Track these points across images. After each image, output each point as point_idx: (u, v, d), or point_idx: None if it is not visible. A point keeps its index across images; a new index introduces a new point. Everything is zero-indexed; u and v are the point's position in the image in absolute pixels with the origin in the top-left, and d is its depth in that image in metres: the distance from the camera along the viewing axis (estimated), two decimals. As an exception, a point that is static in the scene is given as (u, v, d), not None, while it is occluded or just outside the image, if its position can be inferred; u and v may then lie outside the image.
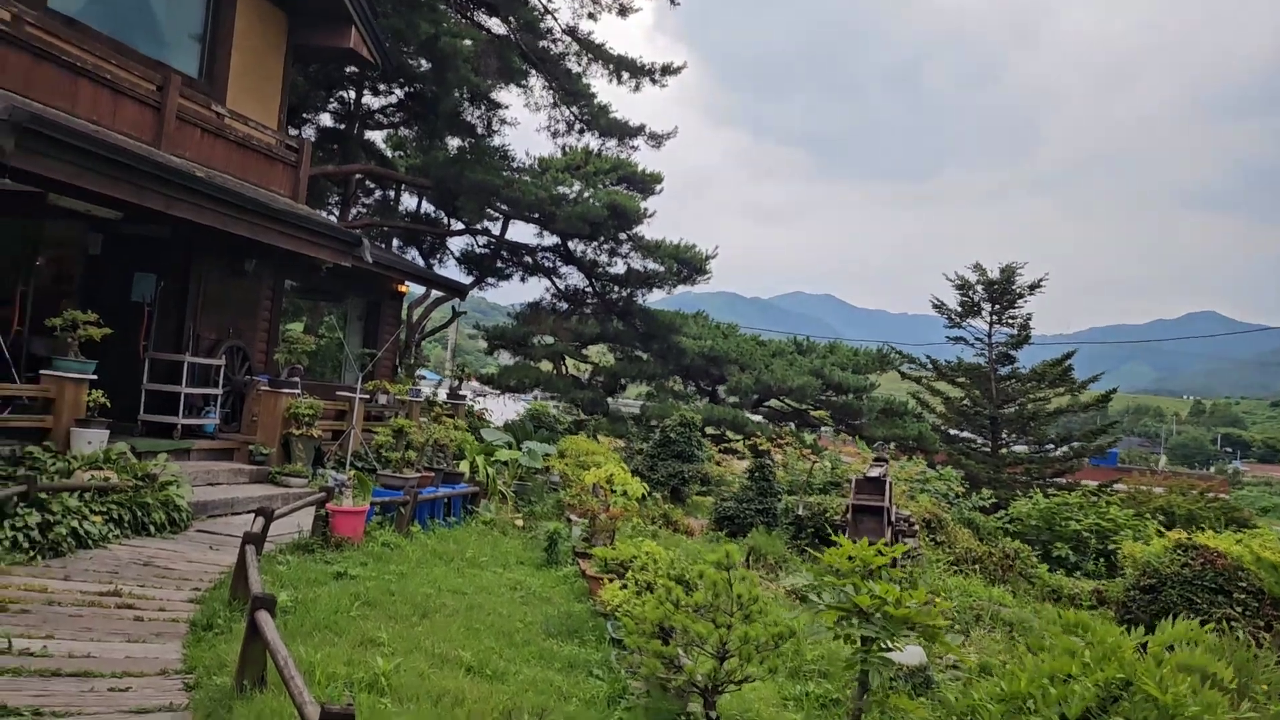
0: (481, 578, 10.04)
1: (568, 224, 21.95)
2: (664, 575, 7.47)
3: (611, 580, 9.25)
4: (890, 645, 5.27)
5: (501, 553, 11.58)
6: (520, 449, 15.53)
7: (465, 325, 40.93)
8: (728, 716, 6.24)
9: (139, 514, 9.91)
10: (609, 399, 31.31)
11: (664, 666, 5.81)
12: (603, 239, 23.83)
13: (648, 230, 23.93)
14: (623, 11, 24.62)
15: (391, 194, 30.90)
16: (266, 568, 8.67)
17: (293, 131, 15.99)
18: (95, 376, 10.92)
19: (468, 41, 19.64)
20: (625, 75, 23.44)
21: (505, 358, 33.50)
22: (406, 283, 20.10)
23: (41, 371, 10.86)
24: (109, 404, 10.99)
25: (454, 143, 27.56)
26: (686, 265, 24.05)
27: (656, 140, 25.02)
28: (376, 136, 31.20)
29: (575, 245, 24.91)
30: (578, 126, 24.61)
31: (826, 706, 7.43)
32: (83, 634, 6.58)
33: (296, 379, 14.40)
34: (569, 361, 32.01)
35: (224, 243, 14.38)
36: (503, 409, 31.52)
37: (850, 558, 5.56)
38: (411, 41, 18.98)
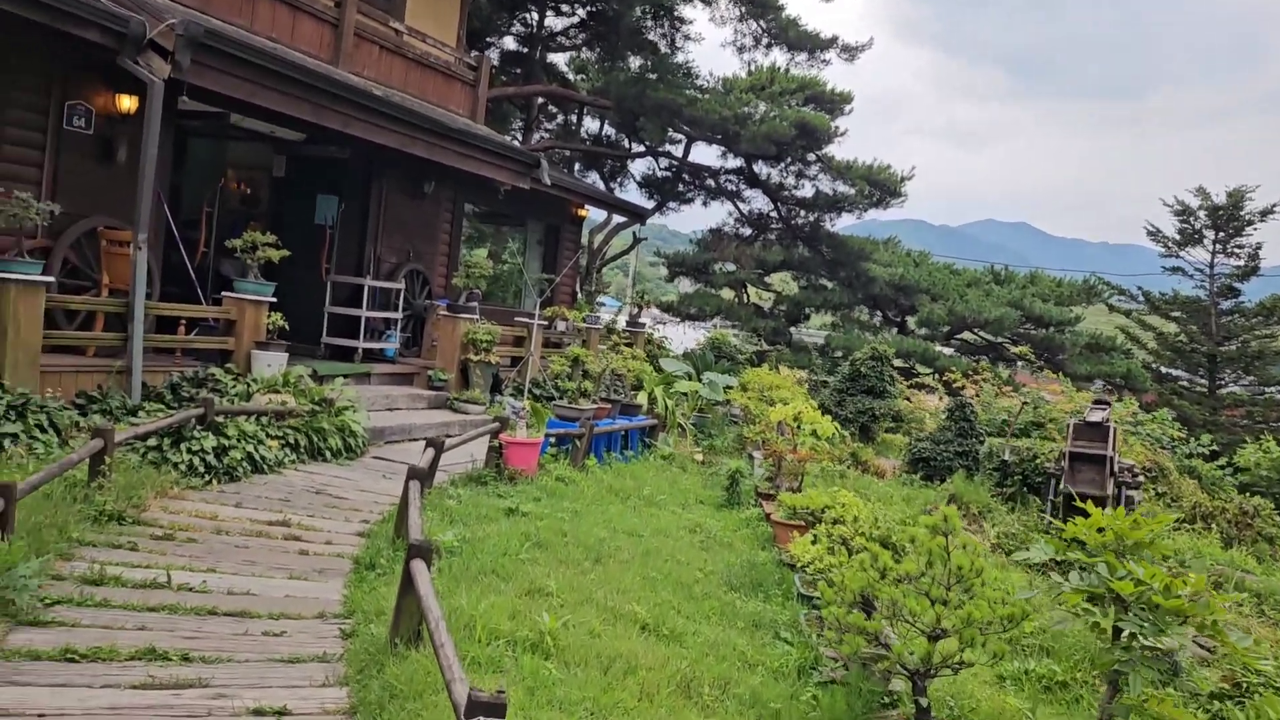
0: (659, 518, 9.45)
1: (752, 144, 20.86)
2: (864, 535, 6.62)
3: (800, 529, 8.48)
4: (1152, 642, 4.29)
5: (680, 490, 10.97)
6: (700, 380, 14.86)
7: (645, 252, 40.45)
8: (938, 701, 5.40)
9: (315, 439, 9.75)
10: (791, 328, 30.26)
11: (866, 642, 5.00)
12: (789, 160, 22.61)
13: (837, 151, 22.59)
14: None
15: (573, 118, 30.44)
16: (436, 501, 8.30)
17: (475, 55, 15.59)
18: (275, 299, 10.81)
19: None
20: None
21: (684, 285, 32.83)
22: (586, 207, 19.55)
23: (224, 293, 10.82)
24: (289, 327, 10.87)
25: (636, 62, 26.74)
26: (879, 187, 22.57)
27: (850, 53, 23.47)
28: (559, 59, 30.71)
29: (760, 167, 23.78)
30: (765, 41, 23.31)
31: (1051, 690, 6.47)
32: (245, 568, 6.30)
33: (474, 304, 14.09)
34: (750, 289, 31.06)
35: (403, 164, 14.11)
36: (681, 337, 30.94)
37: (1101, 529, 4.59)
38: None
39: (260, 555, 6.60)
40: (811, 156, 22.43)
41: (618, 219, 27.03)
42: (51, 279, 8.63)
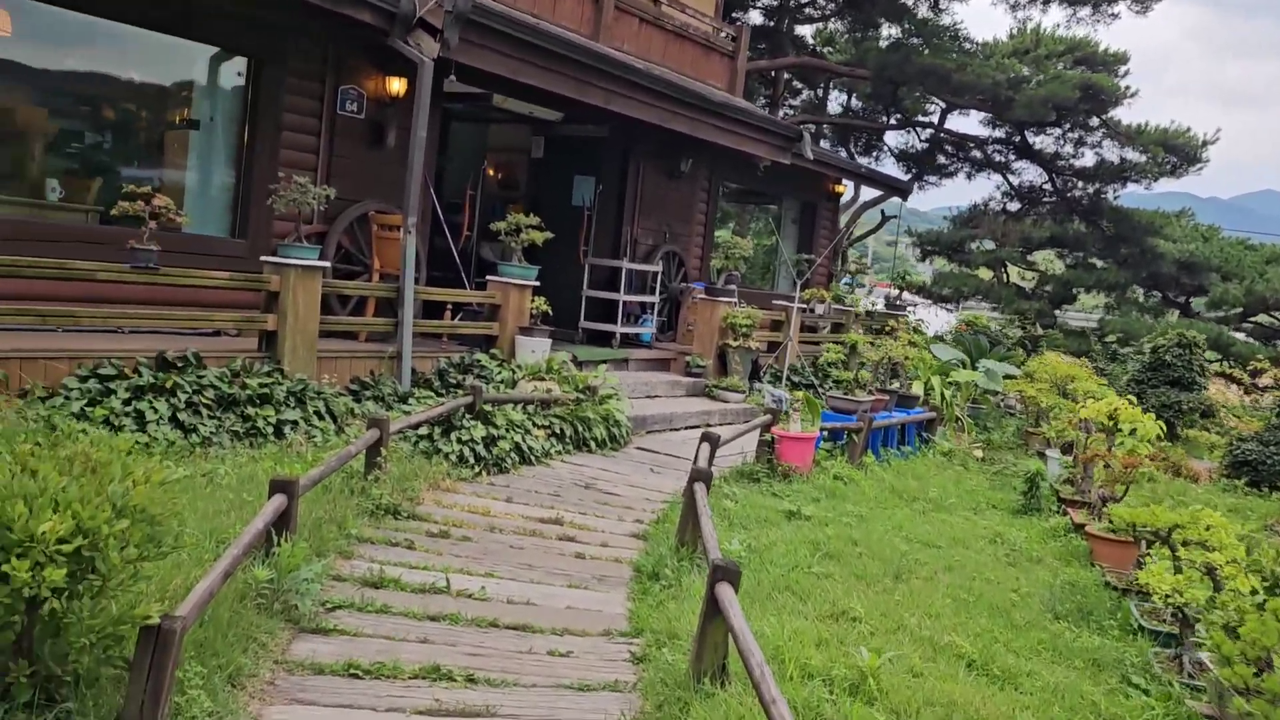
0: (951, 524, 8.47)
1: (1028, 110, 19.16)
2: (1235, 563, 5.48)
3: (1125, 546, 7.31)
4: None
5: (967, 491, 9.91)
6: (975, 368, 13.64)
7: (890, 230, 38.73)
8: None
9: (580, 429, 9.36)
10: (1055, 311, 28.02)
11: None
12: (1069, 126, 20.67)
13: (1123, 115, 20.45)
14: None
15: (819, 92, 29.28)
16: (713, 502, 7.67)
17: (734, 24, 14.94)
18: (538, 283, 10.52)
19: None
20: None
21: (927, 266, 31.10)
22: (844, 183, 18.52)
23: (488, 277, 10.63)
24: (551, 311, 10.56)
25: (890, 30, 25.35)
26: (1176, 153, 20.28)
27: (1142, 3, 21.14)
28: (805, 32, 29.63)
29: (1032, 136, 21.90)
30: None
31: None
32: (522, 572, 5.88)
33: (733, 287, 13.45)
34: (1011, 268, 29.02)
35: (660, 141, 13.62)
36: (934, 319, 29.38)
37: None
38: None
39: (536, 557, 6.17)
40: (1095, 121, 20.41)
41: (866, 196, 25.76)
42: (327, 264, 8.60)
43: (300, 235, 8.31)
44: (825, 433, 9.49)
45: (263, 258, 8.38)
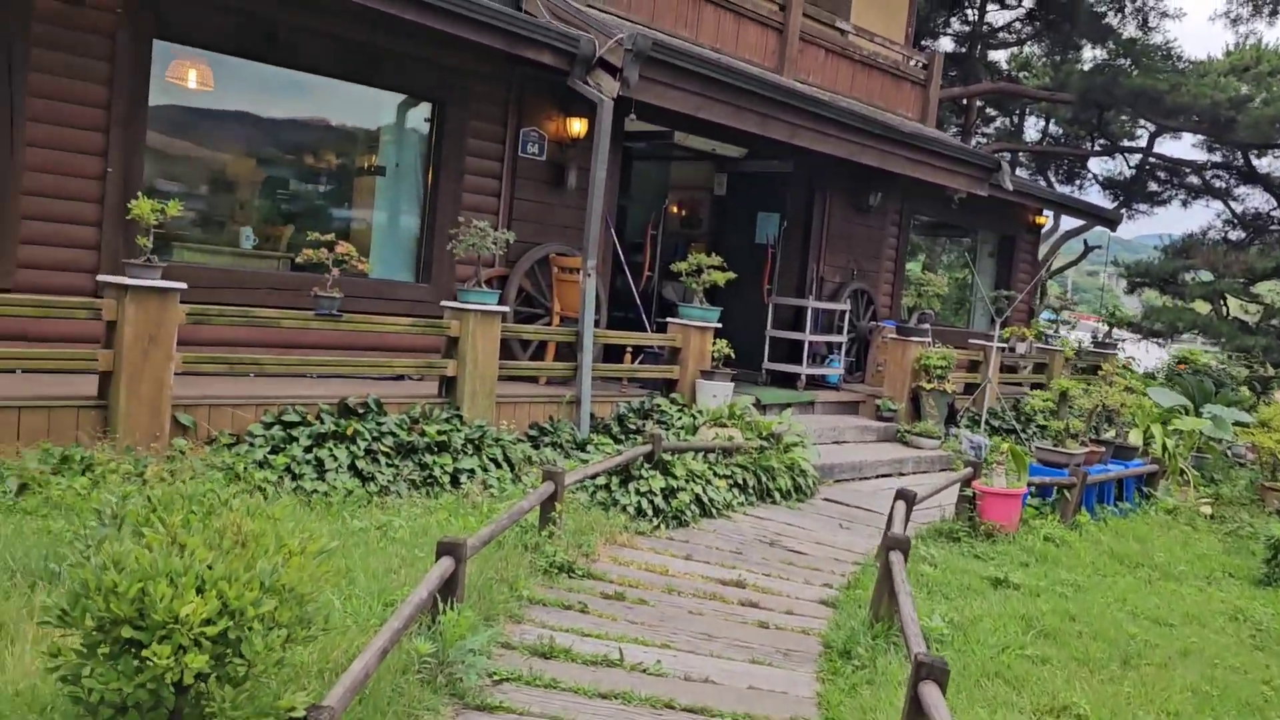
0: (1183, 596, 7.52)
1: (1253, 131, 17.56)
2: None
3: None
4: None
5: (1198, 556, 8.85)
6: (1199, 414, 12.37)
7: (1091, 261, 36.51)
8: None
9: (763, 479, 8.88)
10: (1287, 348, 25.58)
11: None
12: (1303, 147, 18.88)
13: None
14: None
15: (1013, 119, 27.96)
16: (910, 565, 7.03)
17: (926, 52, 14.27)
18: (719, 324, 10.13)
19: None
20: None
21: (1135, 299, 29.08)
22: (1045, 214, 17.40)
23: (668, 319, 10.33)
24: (733, 353, 10.14)
25: (1092, 53, 23.97)
26: None
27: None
28: (999, 57, 28.44)
29: (1256, 158, 20.09)
30: (1271, 6, 19.65)
31: None
32: (701, 643, 5.44)
33: (927, 326, 12.69)
34: (1231, 301, 26.77)
35: (848, 175, 13.07)
36: (1144, 356, 27.40)
37: None
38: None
39: (716, 625, 5.73)
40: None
41: (1066, 225, 24.29)
42: (507, 308, 8.47)
43: (480, 279, 8.21)
44: (1032, 488, 8.67)
45: (443, 303, 8.33)
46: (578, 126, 10.13)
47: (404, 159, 9.60)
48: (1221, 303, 26.14)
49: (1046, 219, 17.49)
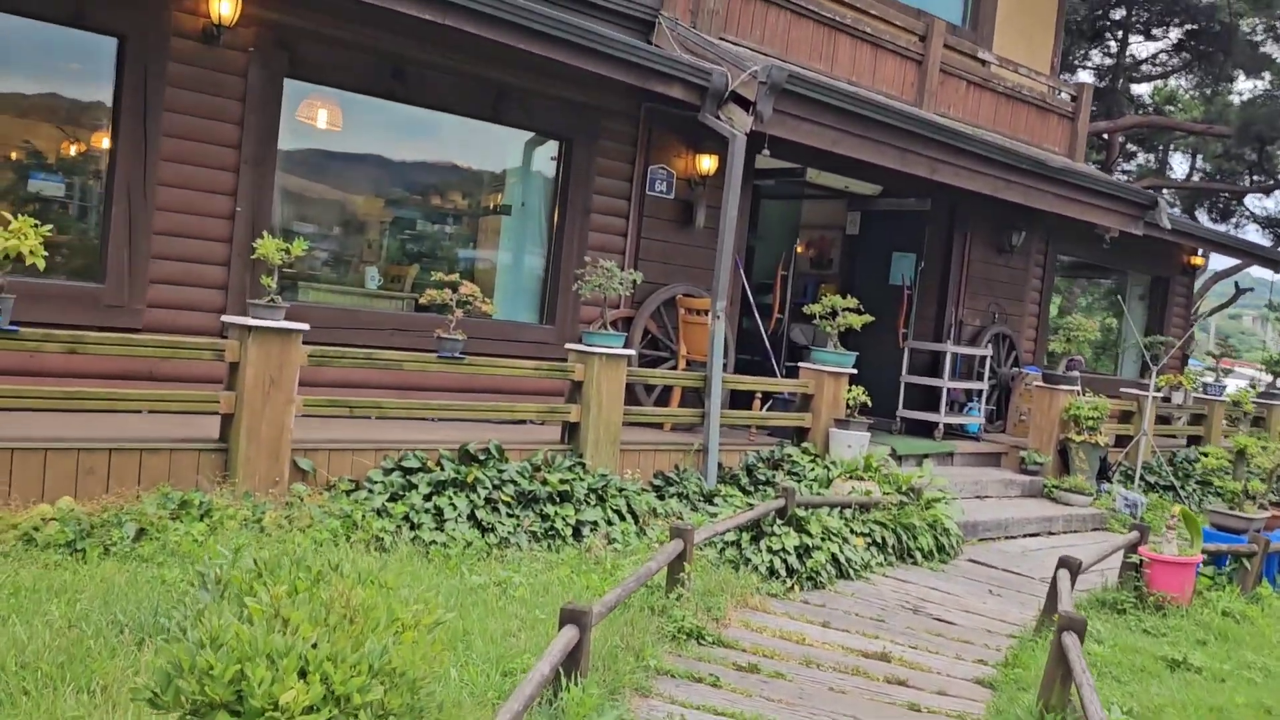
0: (1391, 686, 6.61)
1: None
2: None
3: None
4: None
5: (1400, 637, 7.86)
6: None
7: (1239, 306, 34.45)
8: None
9: (903, 537, 8.27)
10: None
11: None
12: None
13: None
14: None
15: (1157, 155, 26.63)
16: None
17: (1075, 84, 13.50)
18: (855, 370, 9.59)
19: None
20: None
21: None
22: (1200, 253, 16.30)
23: (800, 364, 9.83)
24: (870, 402, 9.58)
25: (1248, 84, 22.69)
26: None
27: None
28: (1142, 91, 27.21)
29: None
30: None
31: None
32: (846, 727, 4.92)
33: (1075, 374, 11.88)
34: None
35: (989, 213, 12.41)
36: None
37: None
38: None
39: (861, 707, 5.19)
40: None
41: (1215, 267, 22.89)
42: (632, 351, 8.12)
43: (605, 321, 7.89)
44: (1206, 555, 7.85)
45: (567, 345, 8.03)
46: (707, 164, 9.79)
47: (530, 198, 9.40)
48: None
49: (1203, 260, 16.38)
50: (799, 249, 14.40)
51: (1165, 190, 24.20)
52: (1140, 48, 25.37)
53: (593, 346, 7.75)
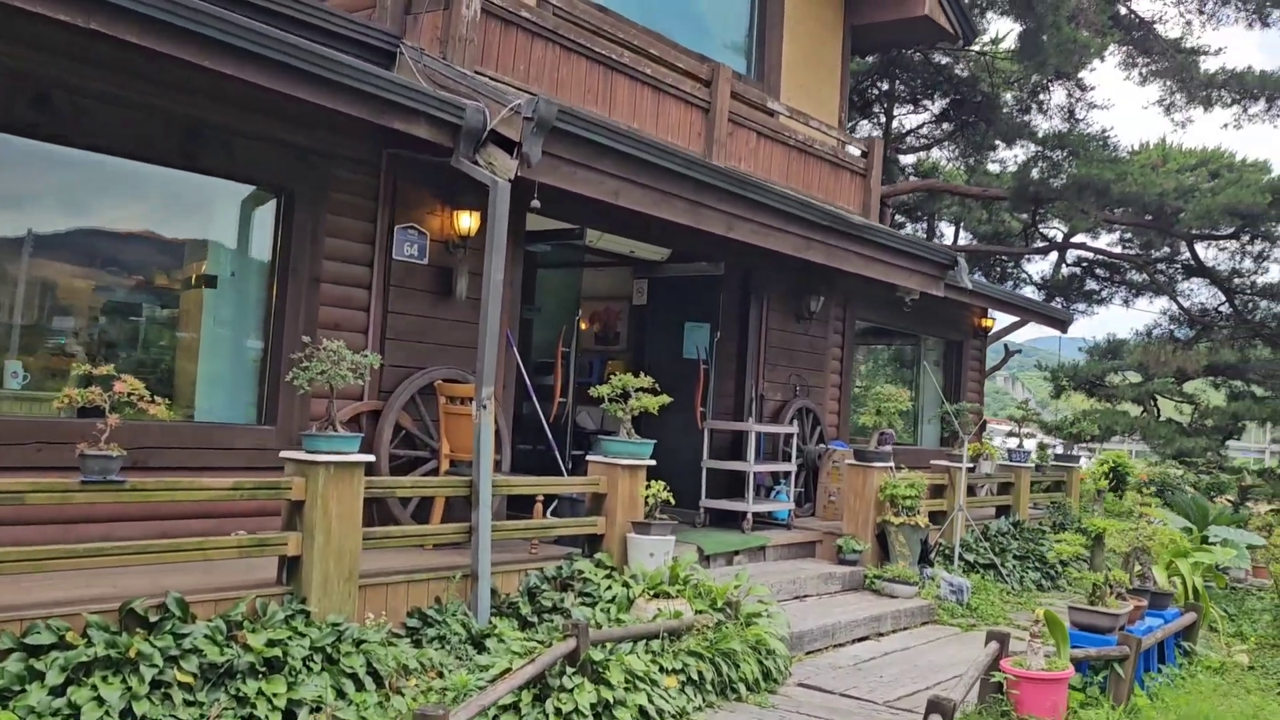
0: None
1: (1204, 220, 16.47)
2: None
3: None
4: None
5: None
6: (1208, 539, 10.66)
7: (1016, 366, 35.81)
8: None
9: (723, 668, 6.70)
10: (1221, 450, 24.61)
11: None
12: (1250, 238, 17.89)
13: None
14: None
15: (923, 225, 27.09)
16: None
17: (864, 139, 12.71)
18: (653, 461, 8.06)
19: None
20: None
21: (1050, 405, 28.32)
22: (991, 315, 15.93)
23: (589, 456, 8.22)
24: (672, 499, 8.05)
25: (1012, 154, 23.31)
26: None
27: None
28: (907, 161, 27.77)
29: (1202, 249, 19.16)
30: (1204, 94, 18.86)
31: None
32: None
33: (889, 448, 10.81)
34: (1162, 402, 25.88)
35: (786, 277, 11.37)
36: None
37: None
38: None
39: None
40: (1280, 230, 17.64)
41: (999, 326, 23.14)
42: (371, 458, 6.26)
43: (332, 419, 6.01)
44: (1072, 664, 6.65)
45: (283, 453, 6.10)
46: (467, 222, 8.15)
47: (241, 266, 7.45)
48: (1153, 404, 25.21)
49: (993, 321, 16.02)
50: (582, 324, 12.94)
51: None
52: (908, 119, 25.83)
53: (317, 454, 5.86)
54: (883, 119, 25.60)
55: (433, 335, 8.06)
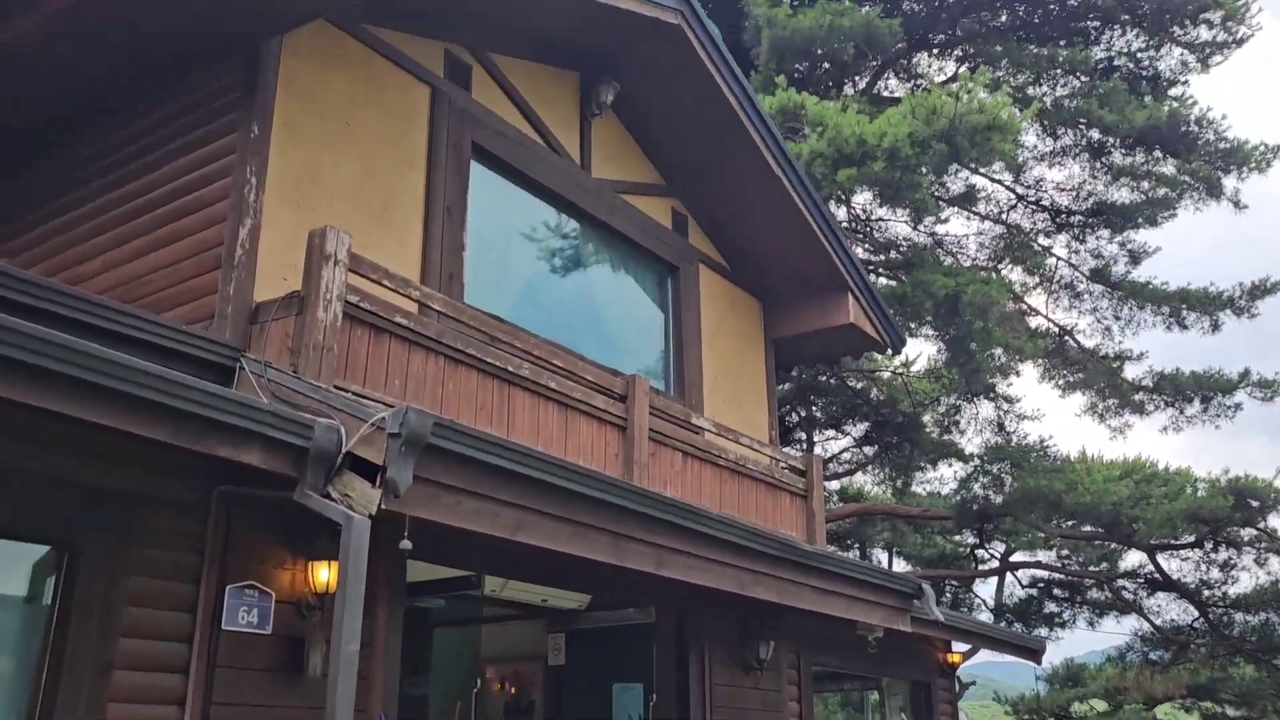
0: None
1: (1163, 528, 15.32)
2: None
3: None
4: None
5: None
6: None
7: (968, 696, 33.56)
8: None
9: None
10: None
11: None
12: (1213, 544, 16.77)
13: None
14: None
15: (857, 553, 25.83)
16: None
17: (801, 456, 11.57)
18: None
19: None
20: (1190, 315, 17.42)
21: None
22: (955, 649, 14.14)
23: None
24: None
25: (941, 473, 22.54)
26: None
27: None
28: (832, 486, 26.96)
29: (1164, 560, 17.91)
30: (1134, 398, 18.38)
31: None
32: None
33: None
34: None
35: (730, 620, 9.61)
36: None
37: None
38: (919, 306, 14.37)
39: None
40: (1245, 534, 16.56)
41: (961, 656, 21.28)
42: None
43: None
44: None
45: None
46: (326, 575, 6.33)
47: (5, 650, 5.45)
48: (1125, 733, 23.31)
49: (960, 656, 14.21)
50: (492, 689, 10.79)
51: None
52: (830, 444, 25.23)
53: None
54: (804, 445, 24.95)
55: (271, 729, 5.99)
